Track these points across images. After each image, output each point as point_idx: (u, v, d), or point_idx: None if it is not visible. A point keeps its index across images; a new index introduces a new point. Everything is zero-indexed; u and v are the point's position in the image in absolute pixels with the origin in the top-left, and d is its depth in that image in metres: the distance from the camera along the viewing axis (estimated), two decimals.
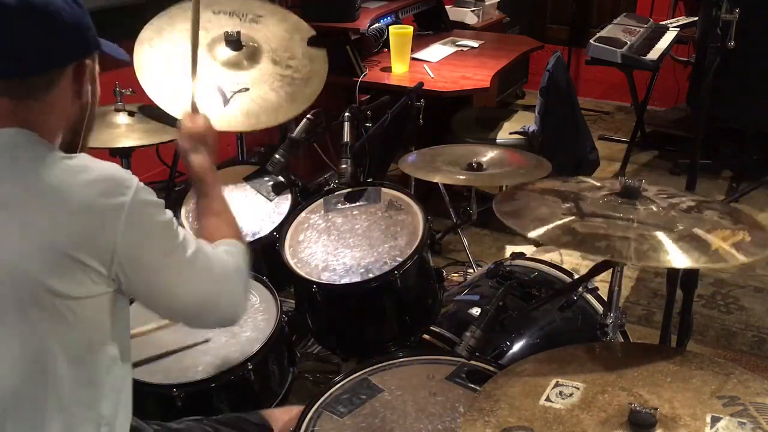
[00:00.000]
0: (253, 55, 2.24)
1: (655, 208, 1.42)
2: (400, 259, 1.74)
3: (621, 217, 1.38)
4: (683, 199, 1.50)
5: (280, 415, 1.53)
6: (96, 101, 1.21)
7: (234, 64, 2.20)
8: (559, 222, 1.37)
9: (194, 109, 1.56)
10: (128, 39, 2.42)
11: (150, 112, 2.22)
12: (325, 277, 1.75)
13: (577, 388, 1.21)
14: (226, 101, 2.09)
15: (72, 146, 1.19)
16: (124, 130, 2.14)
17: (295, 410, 1.51)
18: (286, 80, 2.20)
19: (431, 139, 2.63)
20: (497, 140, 3.43)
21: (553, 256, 3.22)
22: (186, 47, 1.63)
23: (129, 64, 1.31)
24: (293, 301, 1.92)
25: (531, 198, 1.51)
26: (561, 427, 1.13)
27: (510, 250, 3.26)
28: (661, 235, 1.31)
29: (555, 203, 1.45)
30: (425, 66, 3.38)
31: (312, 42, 2.32)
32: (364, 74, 3.29)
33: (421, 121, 2.64)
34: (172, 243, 1.16)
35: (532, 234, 1.35)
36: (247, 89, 2.13)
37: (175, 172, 2.58)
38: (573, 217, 1.38)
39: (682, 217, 1.40)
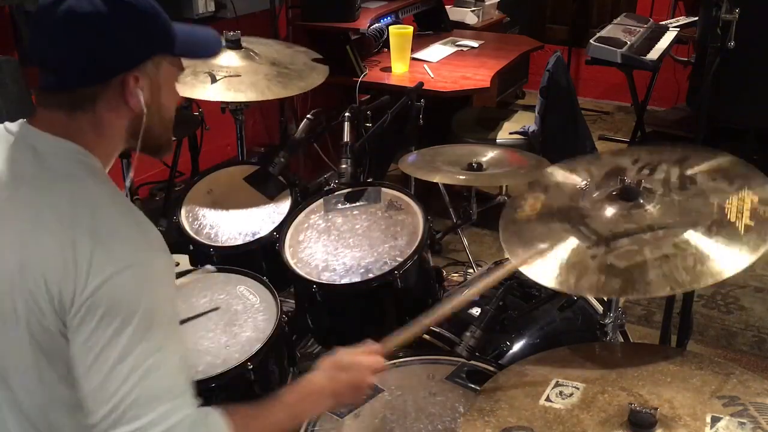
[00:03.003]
0: (251, 57, 2.26)
1: (657, 200, 1.40)
2: (400, 259, 1.74)
3: (641, 228, 1.34)
4: (664, 168, 1.48)
5: None
6: (163, 106, 1.16)
7: (230, 63, 2.22)
8: (594, 263, 1.29)
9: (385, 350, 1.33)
10: None
11: None
12: (325, 277, 1.75)
13: (577, 388, 1.21)
14: (214, 80, 2.12)
15: (151, 147, 1.17)
16: None
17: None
18: (282, 74, 2.22)
19: (431, 139, 2.63)
20: (497, 140, 3.43)
21: None
22: None
23: None
24: (293, 301, 1.92)
25: (539, 232, 1.43)
26: (561, 427, 1.13)
27: None
28: (694, 237, 1.29)
29: (567, 232, 1.39)
30: (425, 66, 3.38)
31: (316, 60, 2.36)
32: (364, 74, 3.29)
33: (421, 121, 2.64)
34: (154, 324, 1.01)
35: (579, 292, 1.29)
36: (238, 75, 2.16)
37: (175, 172, 2.58)
38: (601, 249, 1.32)
39: (688, 200, 1.39)
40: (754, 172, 1.43)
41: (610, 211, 1.41)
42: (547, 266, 1.33)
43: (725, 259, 1.24)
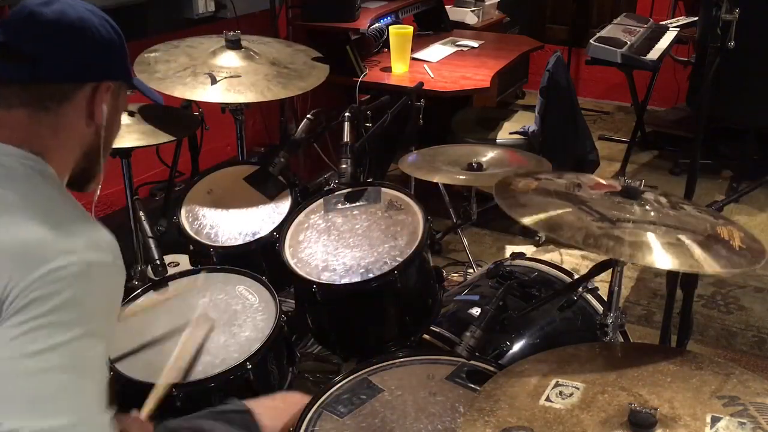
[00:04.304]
0: (251, 57, 2.26)
1: (655, 209, 1.41)
2: (400, 259, 1.74)
3: (641, 220, 1.35)
4: (650, 193, 1.49)
5: (266, 401, 1.52)
6: (114, 130, 1.20)
7: (230, 63, 2.22)
8: (601, 232, 1.29)
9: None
10: (129, 40, 2.43)
11: (150, 112, 2.22)
12: (325, 277, 1.75)
13: (577, 388, 1.21)
14: (214, 81, 2.12)
15: (85, 174, 1.18)
16: (124, 131, 2.14)
17: (290, 397, 1.51)
18: (282, 74, 2.22)
19: (431, 139, 2.63)
20: (497, 140, 3.43)
21: (553, 256, 3.22)
22: None
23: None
24: (293, 301, 1.92)
25: (538, 202, 1.43)
26: (561, 427, 1.13)
27: (510, 250, 3.27)
28: (695, 238, 1.31)
29: (569, 208, 1.39)
30: (425, 66, 3.38)
31: (316, 59, 2.35)
32: (364, 74, 3.29)
33: (421, 121, 2.64)
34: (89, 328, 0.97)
35: (587, 248, 1.30)
36: (238, 76, 2.15)
37: (175, 172, 2.58)
38: (606, 224, 1.32)
39: (682, 217, 1.40)
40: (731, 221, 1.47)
41: (610, 202, 1.42)
42: (553, 221, 1.33)
43: (731, 260, 1.26)
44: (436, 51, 3.61)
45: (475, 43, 3.75)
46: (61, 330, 0.95)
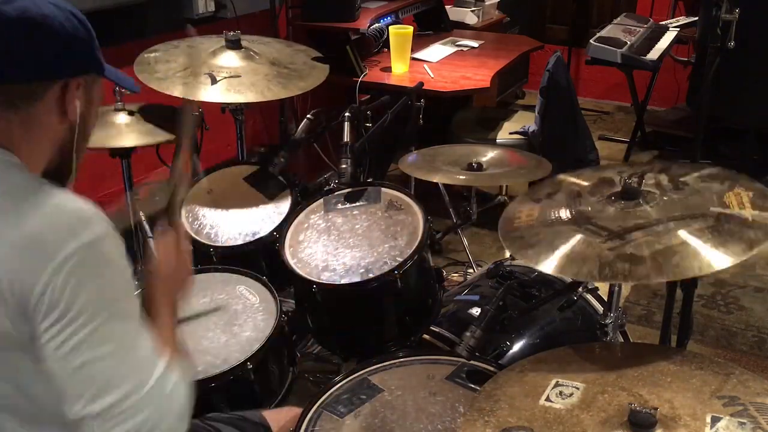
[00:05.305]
0: (251, 57, 2.26)
1: (658, 199, 1.41)
2: (400, 259, 1.74)
3: (651, 222, 1.34)
4: (651, 176, 1.50)
5: (279, 416, 1.53)
6: (89, 124, 1.17)
7: (230, 63, 2.22)
8: (614, 254, 1.28)
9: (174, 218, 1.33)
10: (129, 40, 2.43)
11: (150, 111, 2.22)
12: (325, 277, 1.75)
13: (577, 388, 1.21)
14: (214, 81, 2.12)
15: (61, 169, 1.14)
16: (123, 130, 2.15)
17: (294, 411, 1.51)
18: (282, 74, 2.22)
19: (431, 139, 2.63)
20: (497, 140, 3.43)
21: None
22: None
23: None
24: (293, 301, 1.93)
25: (544, 234, 1.41)
26: (561, 427, 1.13)
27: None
28: (706, 225, 1.30)
29: (576, 231, 1.37)
30: (425, 66, 3.38)
31: (317, 59, 2.35)
32: (364, 74, 3.29)
33: (421, 121, 2.64)
34: (116, 306, 1.01)
35: (600, 282, 1.29)
36: (238, 76, 2.15)
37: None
38: (616, 242, 1.31)
39: (687, 198, 1.40)
40: (735, 174, 1.46)
41: (613, 210, 1.41)
42: (565, 259, 1.32)
43: (744, 239, 1.25)
44: (436, 51, 3.61)
45: (475, 43, 3.74)
46: (89, 322, 0.98)
